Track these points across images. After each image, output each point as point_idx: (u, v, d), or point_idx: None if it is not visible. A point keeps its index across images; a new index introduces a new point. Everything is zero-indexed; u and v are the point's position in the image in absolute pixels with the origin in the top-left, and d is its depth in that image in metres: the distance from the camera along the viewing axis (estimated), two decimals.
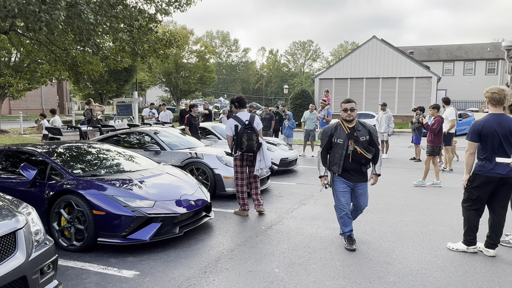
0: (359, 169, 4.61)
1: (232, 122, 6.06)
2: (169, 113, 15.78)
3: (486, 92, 4.43)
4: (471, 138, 4.37)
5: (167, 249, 4.69)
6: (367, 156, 4.49)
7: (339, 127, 4.63)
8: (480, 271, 4.07)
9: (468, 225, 4.52)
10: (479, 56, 42.56)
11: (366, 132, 4.60)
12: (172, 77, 37.18)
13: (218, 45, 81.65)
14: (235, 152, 6.04)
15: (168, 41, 12.39)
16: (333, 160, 4.65)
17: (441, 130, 8.36)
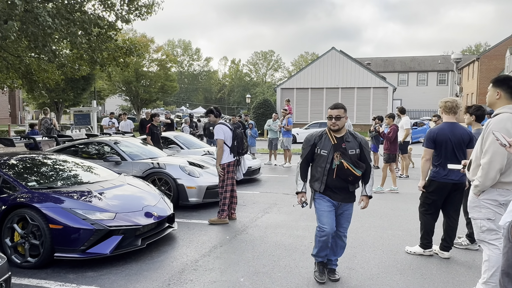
0: (345, 187, 3.85)
1: (225, 127, 6.17)
2: (130, 123, 15.43)
3: (440, 102, 4.74)
4: (427, 145, 4.59)
5: (129, 262, 4.56)
6: (355, 173, 3.73)
7: (324, 135, 3.88)
8: (436, 273, 4.26)
9: (424, 229, 4.72)
10: (431, 68, 44.89)
11: (357, 144, 3.83)
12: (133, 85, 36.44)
13: (180, 54, 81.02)
14: (234, 156, 6.18)
15: (128, 49, 12.16)
16: (314, 175, 3.92)
17: (396, 138, 8.73)
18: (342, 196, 3.89)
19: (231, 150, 6.18)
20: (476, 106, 5.07)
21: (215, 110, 6.45)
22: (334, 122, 3.82)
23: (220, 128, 6.15)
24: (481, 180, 3.44)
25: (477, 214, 3.60)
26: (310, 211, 6.96)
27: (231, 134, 6.20)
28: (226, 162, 6.14)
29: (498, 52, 34.18)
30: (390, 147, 8.69)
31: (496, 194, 3.49)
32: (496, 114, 3.50)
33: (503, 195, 3.47)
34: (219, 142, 6.09)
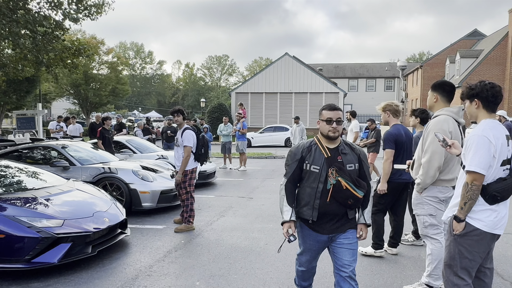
0: (343, 213, 2.94)
1: (193, 134, 6.03)
2: (79, 127, 14.82)
3: (387, 105, 4.83)
4: (389, 146, 4.65)
5: (78, 271, 4.38)
6: (356, 195, 2.84)
7: (314, 147, 2.99)
8: (385, 268, 4.46)
9: (376, 228, 4.86)
10: (379, 75, 46.94)
11: (355, 158, 2.97)
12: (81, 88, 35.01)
13: (132, 56, 78.96)
14: (201, 164, 6.12)
15: (77, 50, 11.72)
16: (303, 198, 2.98)
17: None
18: (337, 225, 2.95)
19: (195, 157, 6.06)
20: (421, 110, 5.38)
21: (183, 112, 6.20)
22: (335, 127, 2.90)
23: (190, 135, 5.97)
24: (422, 178, 3.66)
25: (420, 210, 3.82)
26: (267, 212, 7.05)
27: (196, 141, 6.09)
28: (190, 168, 6.00)
29: (439, 61, 36.41)
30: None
31: (436, 191, 3.72)
32: (435, 116, 3.74)
33: (442, 192, 3.71)
34: (188, 149, 5.90)
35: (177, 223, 6.25)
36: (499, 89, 2.76)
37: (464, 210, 2.68)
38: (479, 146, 2.62)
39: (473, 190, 2.63)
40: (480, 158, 2.60)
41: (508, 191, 2.67)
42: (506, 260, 4.69)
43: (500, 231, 2.73)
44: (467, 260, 2.73)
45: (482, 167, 2.59)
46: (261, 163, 15.03)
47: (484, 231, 2.68)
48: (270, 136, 23.79)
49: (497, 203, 2.67)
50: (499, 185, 2.64)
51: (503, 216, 2.72)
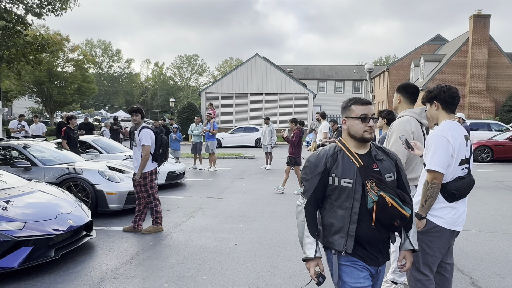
0: (386, 240, 2.26)
1: (151, 133, 5.86)
2: (42, 126, 14.30)
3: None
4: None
5: (41, 275, 4.21)
6: (404, 213, 2.18)
7: (340, 153, 2.28)
8: None
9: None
10: (347, 77, 47.90)
11: (393, 165, 2.32)
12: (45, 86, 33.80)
13: (99, 54, 76.94)
14: (159, 164, 5.94)
15: (40, 45, 11.28)
16: (332, 223, 2.25)
17: (300, 142, 9.12)
18: (382, 257, 2.26)
19: (153, 158, 5.88)
20: (387, 111, 5.53)
21: (141, 111, 6.03)
22: (372, 125, 2.26)
23: (148, 133, 5.80)
24: None
25: None
26: (237, 212, 7.04)
27: (155, 140, 5.91)
28: (149, 170, 5.82)
29: (404, 64, 37.56)
30: (294, 150, 9.06)
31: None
32: (399, 117, 3.85)
33: None
34: (146, 148, 5.73)
35: (127, 231, 5.88)
36: (456, 90, 2.89)
37: (425, 208, 2.77)
38: (438, 145, 2.73)
39: (433, 188, 2.73)
40: (439, 157, 2.70)
41: (466, 189, 2.79)
42: (466, 256, 4.89)
43: (459, 228, 2.84)
44: (428, 256, 2.82)
45: (441, 166, 2.70)
46: (231, 164, 15.00)
47: (444, 227, 2.78)
48: (240, 136, 23.78)
49: (456, 200, 2.78)
50: (457, 184, 2.75)
51: (462, 213, 2.83)
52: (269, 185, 10.03)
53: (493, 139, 16.42)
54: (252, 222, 6.42)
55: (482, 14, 27.76)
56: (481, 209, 7.44)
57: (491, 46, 28.26)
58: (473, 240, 5.50)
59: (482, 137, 17.13)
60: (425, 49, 37.11)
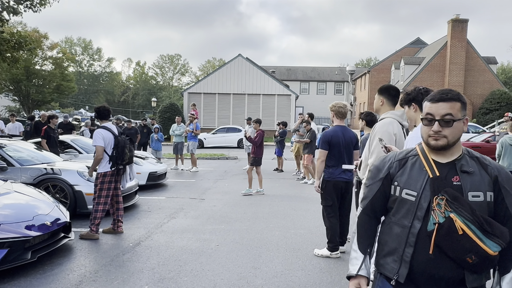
0: (454, 278, 1.70)
1: (106, 133, 5.53)
2: (19, 125, 13.97)
3: (333, 106, 5.02)
4: (322, 147, 4.88)
5: (16, 278, 4.10)
6: (484, 248, 1.61)
7: (412, 159, 1.85)
8: (333, 266, 4.58)
9: (331, 232, 4.90)
10: (329, 78, 48.37)
11: (488, 181, 1.73)
12: (23, 85, 32.97)
13: (79, 52, 75.50)
14: (112, 166, 5.52)
15: (17, 42, 11.00)
16: (386, 241, 1.85)
17: (262, 143, 9.10)
18: None
19: (110, 159, 5.54)
20: (366, 112, 5.60)
21: (98, 110, 5.71)
22: (437, 130, 1.74)
23: (100, 134, 5.50)
24: None
25: None
26: (219, 213, 7.01)
27: (113, 141, 5.55)
28: (102, 171, 5.53)
29: (385, 66, 38.17)
30: (257, 151, 8.99)
31: None
32: (381, 119, 3.90)
33: None
34: (98, 149, 5.49)
35: (107, 232, 5.73)
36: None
37: None
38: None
39: None
40: None
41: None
42: None
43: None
44: None
45: None
46: (213, 164, 14.94)
47: None
48: (223, 137, 23.72)
49: None
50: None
51: None
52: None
53: (470, 141, 16.83)
54: (234, 223, 6.40)
55: (460, 19, 28.46)
56: None
57: (469, 50, 29.00)
58: None
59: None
60: (405, 52, 37.80)
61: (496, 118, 25.23)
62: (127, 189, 7.00)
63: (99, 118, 5.79)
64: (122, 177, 5.77)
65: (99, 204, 5.54)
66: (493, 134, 16.58)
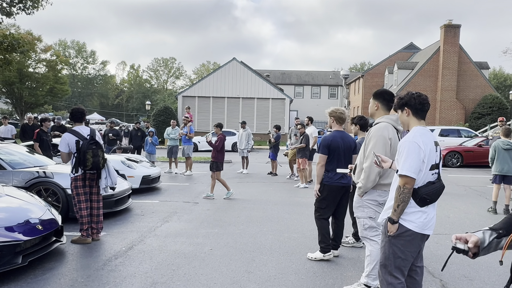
0: None
1: (70, 137, 5.41)
2: (11, 128, 13.85)
3: (333, 112, 4.95)
4: (322, 151, 4.83)
5: (6, 282, 4.05)
6: None
7: None
8: (327, 270, 4.58)
9: (322, 233, 4.91)
10: (323, 82, 48.55)
11: None
12: (15, 87, 32.76)
13: (73, 55, 75.19)
14: (76, 171, 5.39)
15: (10, 44, 10.92)
16: None
17: (223, 147, 8.93)
18: None
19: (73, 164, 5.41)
20: (359, 117, 5.61)
21: (71, 113, 5.59)
22: None
23: (63, 138, 5.43)
24: (364, 182, 3.82)
25: (361, 213, 3.98)
26: (212, 217, 6.98)
27: (85, 143, 5.38)
28: (73, 176, 5.42)
29: (378, 71, 38.40)
30: (217, 155, 8.83)
31: (376, 195, 3.89)
32: (376, 123, 3.92)
33: (382, 196, 3.89)
34: (61, 154, 5.45)
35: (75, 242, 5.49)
36: (426, 97, 2.98)
37: (397, 212, 2.83)
38: (410, 151, 2.80)
39: (405, 193, 2.79)
40: (411, 162, 2.77)
41: (436, 194, 2.86)
42: (436, 259, 5.01)
43: (430, 232, 2.90)
44: (400, 259, 2.87)
45: (413, 171, 2.76)
46: (207, 168, 14.86)
47: (415, 231, 2.84)
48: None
49: (427, 205, 2.85)
50: (428, 188, 2.82)
51: (432, 217, 2.90)
52: (246, 190, 10.02)
53: (462, 145, 16.95)
54: (228, 227, 6.38)
55: (453, 24, 28.74)
56: (451, 212, 7.65)
57: (461, 55, 29.27)
58: (443, 243, 5.64)
59: (452, 143, 17.65)
60: (399, 57, 38.07)
61: (489, 122, 25.47)
62: (120, 193, 6.97)
63: (72, 120, 5.69)
64: (99, 182, 5.56)
65: (78, 208, 5.45)
66: (485, 139, 16.72)
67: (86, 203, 5.50)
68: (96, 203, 5.64)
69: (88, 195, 5.54)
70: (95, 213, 5.62)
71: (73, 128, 5.58)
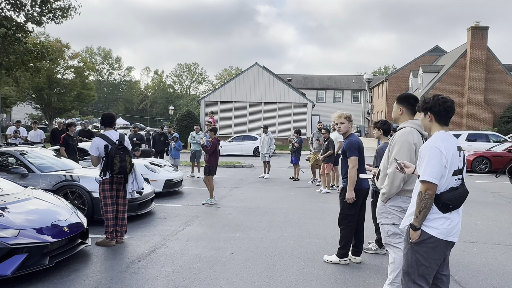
0: None
1: (99, 141, 5.58)
2: (41, 133, 14.29)
3: (349, 116, 4.97)
4: (354, 153, 4.74)
5: (34, 283, 4.17)
6: None
7: None
8: (349, 277, 4.51)
9: (345, 240, 4.84)
10: (346, 86, 48.10)
11: None
12: (45, 93, 33.83)
13: (99, 62, 77.17)
14: (104, 174, 5.55)
15: (40, 53, 11.31)
16: None
17: (215, 152, 8.82)
18: None
19: (101, 168, 5.57)
20: (382, 121, 5.53)
21: (102, 118, 5.78)
22: None
23: (93, 143, 5.61)
24: (388, 188, 3.75)
25: (384, 219, 3.90)
26: (234, 221, 7.00)
27: (113, 148, 5.51)
28: (101, 179, 5.59)
29: (403, 74, 37.77)
30: (210, 159, 8.77)
31: (400, 201, 3.82)
32: (400, 128, 3.85)
33: (406, 202, 3.81)
34: (91, 158, 5.63)
35: (99, 244, 5.61)
36: (451, 104, 2.88)
37: (419, 219, 2.77)
38: (431, 157, 2.74)
39: (426, 199, 2.73)
40: (432, 168, 2.71)
41: (459, 200, 2.78)
42: (463, 267, 4.86)
43: (454, 238, 2.82)
44: (424, 267, 2.80)
45: (434, 176, 2.70)
46: (229, 172, 14.97)
47: (438, 238, 2.77)
48: (239, 145, 23.78)
49: (450, 211, 2.78)
50: (451, 194, 2.74)
51: (456, 224, 2.82)
52: (267, 194, 10.01)
53: (491, 150, 16.44)
54: (249, 231, 6.38)
55: (480, 26, 28.00)
56: (478, 220, 7.42)
57: (489, 58, 28.46)
58: (470, 252, 5.47)
59: (480, 148, 17.15)
60: (424, 60, 37.34)
61: None
62: (143, 196, 7.08)
63: (103, 125, 5.85)
64: (126, 186, 5.68)
65: (105, 211, 5.60)
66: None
67: (112, 206, 5.63)
68: (122, 206, 5.76)
69: (114, 198, 5.68)
70: (120, 217, 5.74)
71: (103, 133, 5.74)
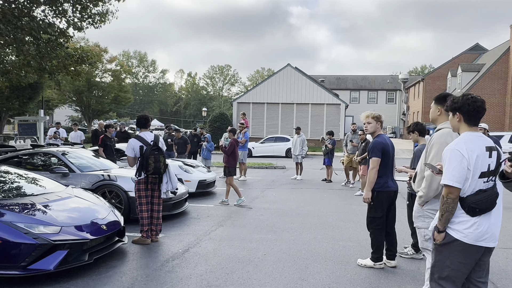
0: None
1: (135, 142, 5.72)
2: (80, 134, 14.87)
3: (378, 116, 4.87)
4: (376, 155, 4.66)
5: (74, 278, 4.34)
6: None
7: None
8: (383, 282, 4.40)
9: (376, 244, 4.75)
10: (380, 87, 47.09)
11: None
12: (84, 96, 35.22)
13: (135, 65, 79.41)
14: (139, 174, 5.69)
15: (80, 57, 11.78)
16: None
17: (234, 152, 8.70)
18: None
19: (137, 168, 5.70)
20: (413, 124, 5.41)
21: (137, 120, 5.94)
22: None
23: (129, 144, 5.74)
24: (425, 191, 3.63)
25: (421, 223, 3.79)
26: (266, 222, 7.00)
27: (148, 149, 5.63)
28: (136, 179, 5.74)
29: (440, 74, 36.54)
30: (229, 160, 8.66)
31: (437, 205, 3.68)
32: (438, 129, 3.72)
33: None
34: (128, 158, 5.79)
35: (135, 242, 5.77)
36: (481, 104, 2.75)
37: (442, 222, 2.71)
38: (451, 160, 2.66)
39: (448, 203, 2.65)
40: (453, 171, 2.63)
41: (487, 203, 2.64)
42: (506, 275, 4.64)
43: (487, 244, 2.69)
44: (449, 269, 2.72)
45: (455, 180, 2.61)
46: (261, 173, 14.99)
47: (465, 242, 2.66)
48: (271, 146, 23.77)
49: (477, 215, 2.66)
50: (477, 197, 2.63)
51: (488, 228, 2.68)
52: (299, 196, 9.95)
53: None
54: (281, 233, 6.37)
55: None
56: None
57: None
58: None
59: None
60: (463, 59, 35.99)
61: None
62: (177, 196, 7.21)
63: (138, 126, 6.00)
64: (161, 186, 5.80)
65: (140, 210, 5.74)
66: None
67: (147, 205, 5.77)
68: (156, 206, 5.89)
69: (149, 198, 5.82)
70: (155, 216, 5.87)
71: (138, 134, 5.90)
